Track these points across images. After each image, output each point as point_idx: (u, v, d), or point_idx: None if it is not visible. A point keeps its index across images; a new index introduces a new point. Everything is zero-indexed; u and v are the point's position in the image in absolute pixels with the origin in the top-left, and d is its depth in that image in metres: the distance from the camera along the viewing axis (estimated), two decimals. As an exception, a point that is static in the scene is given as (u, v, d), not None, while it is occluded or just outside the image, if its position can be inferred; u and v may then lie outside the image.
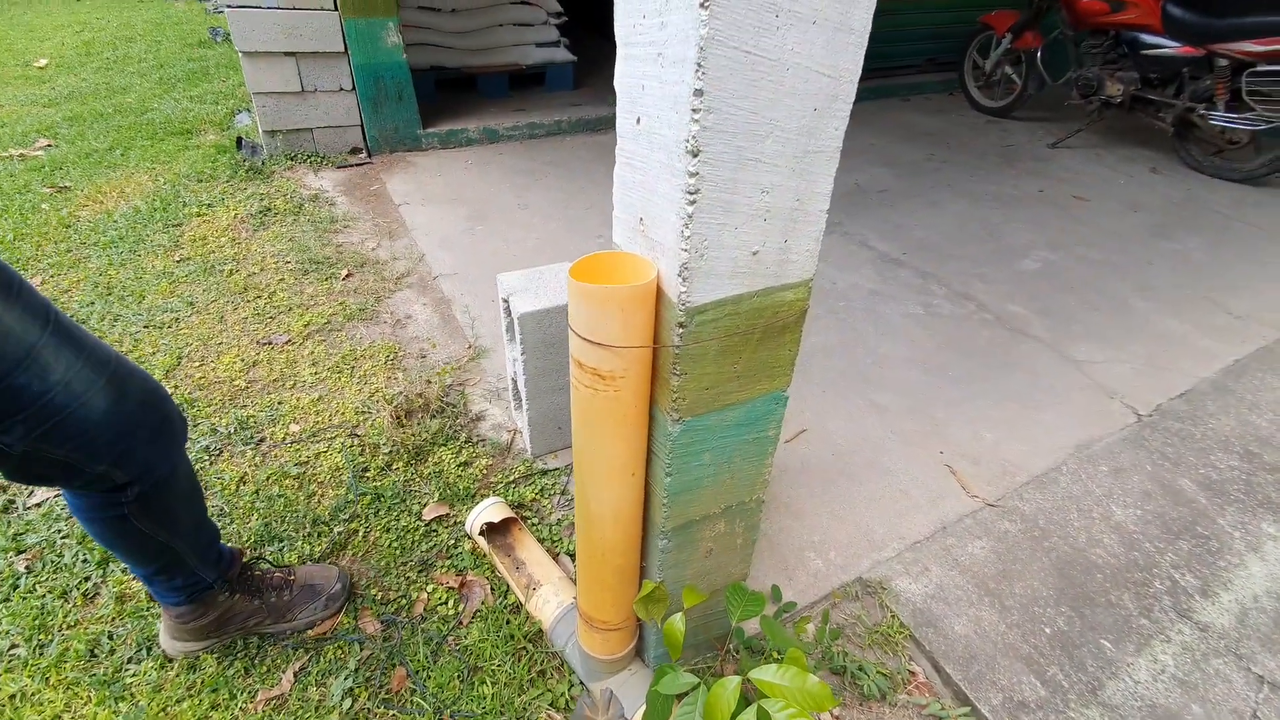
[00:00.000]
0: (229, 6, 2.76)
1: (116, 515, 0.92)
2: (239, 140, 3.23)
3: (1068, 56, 4.06)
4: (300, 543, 1.37)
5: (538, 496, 1.51)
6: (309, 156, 3.25)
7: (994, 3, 4.71)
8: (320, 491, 1.50)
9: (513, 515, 1.38)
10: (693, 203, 0.61)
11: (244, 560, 1.19)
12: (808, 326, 2.20)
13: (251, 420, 1.68)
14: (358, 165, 3.26)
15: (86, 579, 1.29)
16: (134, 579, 1.28)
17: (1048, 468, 1.71)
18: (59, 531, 1.38)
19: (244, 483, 1.51)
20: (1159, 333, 2.27)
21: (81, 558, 1.33)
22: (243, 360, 1.88)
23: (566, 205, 2.97)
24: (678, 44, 0.55)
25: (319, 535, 1.39)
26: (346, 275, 2.33)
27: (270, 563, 1.27)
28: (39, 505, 1.43)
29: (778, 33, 0.55)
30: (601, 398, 0.74)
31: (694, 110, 0.56)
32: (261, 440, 1.63)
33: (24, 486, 1.46)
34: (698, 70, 0.54)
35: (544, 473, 1.58)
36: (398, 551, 1.37)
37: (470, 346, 2.00)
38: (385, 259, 2.47)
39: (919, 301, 2.38)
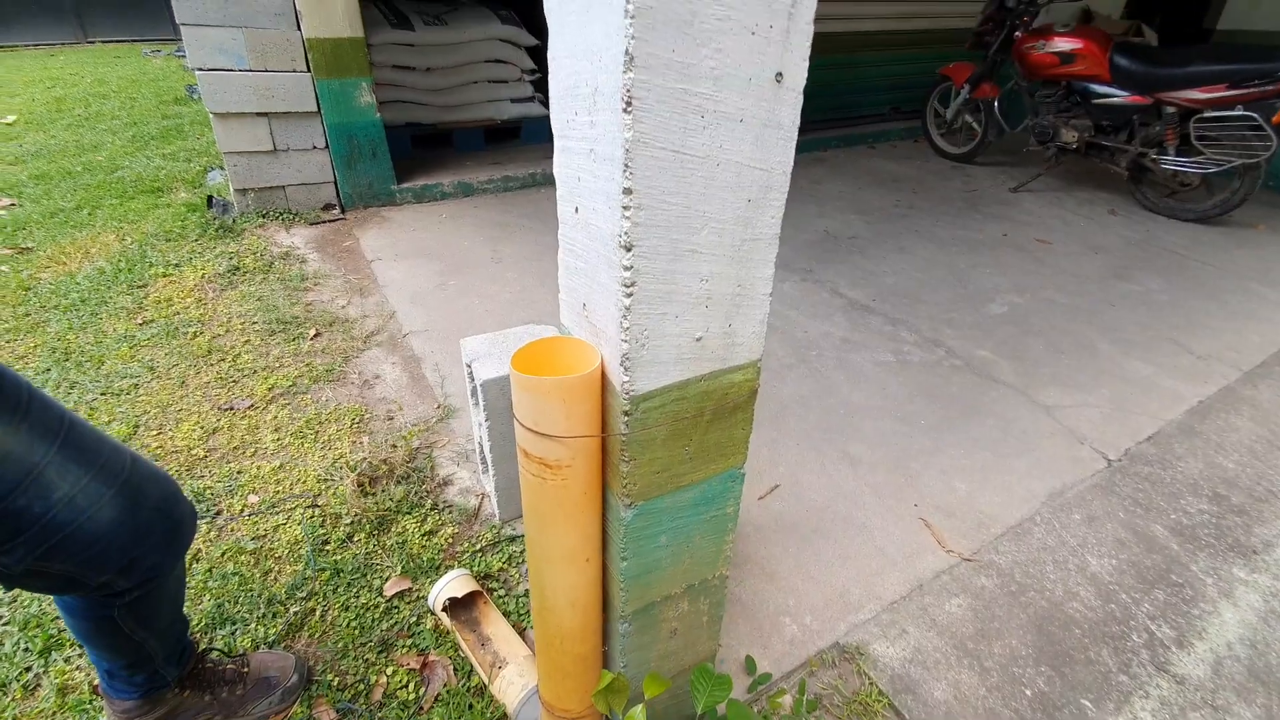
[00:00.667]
0: (199, 69, 2.79)
1: (104, 616, 0.88)
2: (210, 198, 3.23)
3: (1024, 105, 4.22)
4: (254, 625, 1.31)
5: (505, 566, 1.47)
6: (281, 214, 3.25)
7: (952, 55, 4.91)
8: (277, 568, 1.44)
9: (478, 588, 1.33)
10: (630, 294, 0.60)
11: (200, 651, 1.13)
12: (781, 377, 2.21)
13: (208, 492, 1.63)
14: (331, 221, 3.27)
15: (27, 669, 1.22)
16: (79, 669, 1.21)
17: (1022, 518, 1.70)
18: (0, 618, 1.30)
19: (197, 560, 1.45)
20: (1125, 375, 2.31)
21: (23, 646, 1.26)
22: (202, 427, 1.84)
23: (540, 258, 2.98)
24: (606, 143, 0.56)
25: (274, 616, 1.33)
26: (314, 335, 2.30)
27: (223, 652, 1.21)
28: None
29: (704, 132, 0.55)
30: (550, 486, 0.72)
31: (625, 207, 0.55)
32: (218, 513, 1.58)
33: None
34: (626, 170, 0.54)
35: (512, 539, 1.53)
36: (357, 631, 1.31)
37: (439, 406, 1.98)
38: (355, 317, 2.45)
39: (890, 349, 2.40)
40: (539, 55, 4.18)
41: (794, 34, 0.54)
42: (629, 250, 0.57)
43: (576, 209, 0.66)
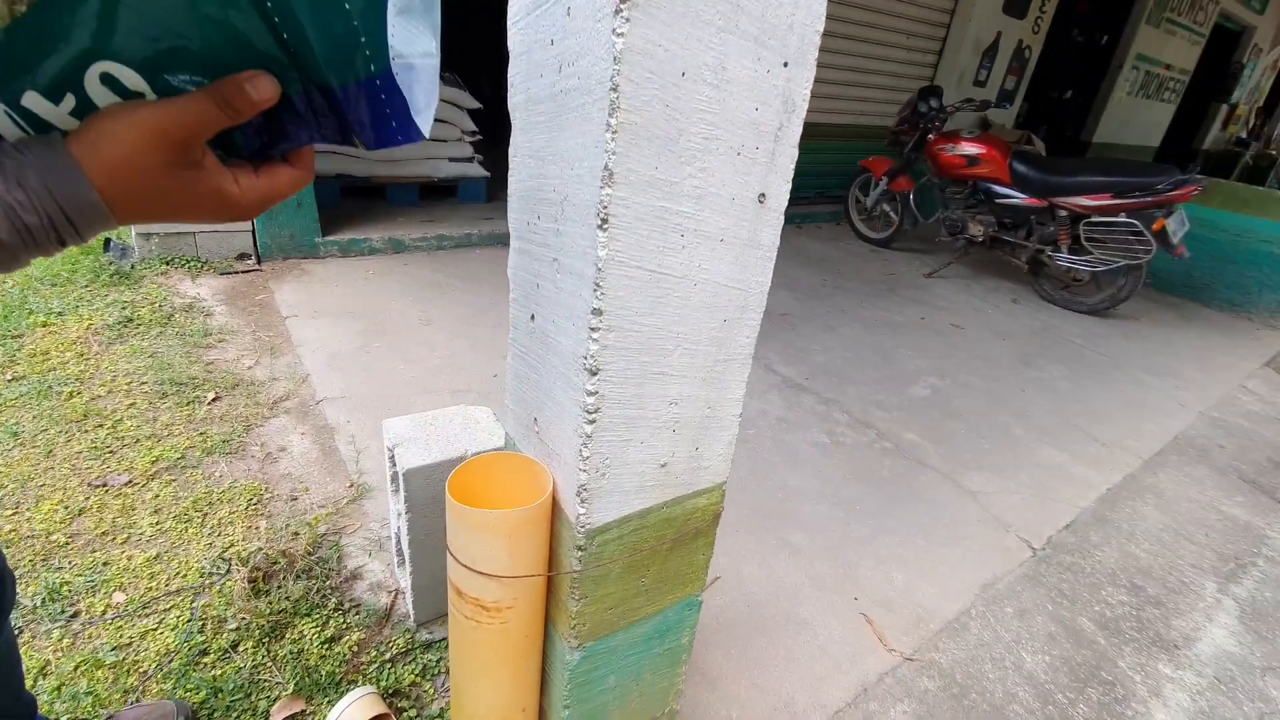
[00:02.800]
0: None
1: None
2: (107, 241, 2.95)
3: (935, 199, 4.56)
4: (102, 764, 1.09)
5: (418, 679, 1.30)
6: (189, 261, 3.01)
7: (874, 148, 5.29)
8: (140, 686, 1.22)
9: (385, 711, 1.16)
10: (592, 421, 0.53)
11: None
12: (717, 458, 2.16)
13: (66, 588, 1.38)
14: (245, 272, 3.05)
15: None
16: None
17: (958, 611, 1.69)
18: None
19: (45, 674, 1.21)
20: (1040, 462, 2.41)
21: None
22: (67, 507, 1.58)
23: (472, 322, 2.87)
24: (574, 257, 0.50)
25: (130, 752, 1.11)
26: (213, 399, 2.08)
27: None
28: None
29: (684, 251, 0.51)
30: (486, 630, 0.62)
31: (593, 329, 0.49)
32: (75, 614, 1.34)
33: None
34: (597, 289, 0.48)
35: (428, 645, 1.37)
36: (234, 768, 1.11)
37: (352, 485, 1.80)
38: (263, 379, 2.25)
39: (823, 429, 2.42)
40: (480, 117, 4.17)
41: (779, 156, 0.51)
42: (594, 374, 0.51)
43: (533, 316, 0.59)
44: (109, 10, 0.34)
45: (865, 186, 5.07)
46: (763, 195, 0.53)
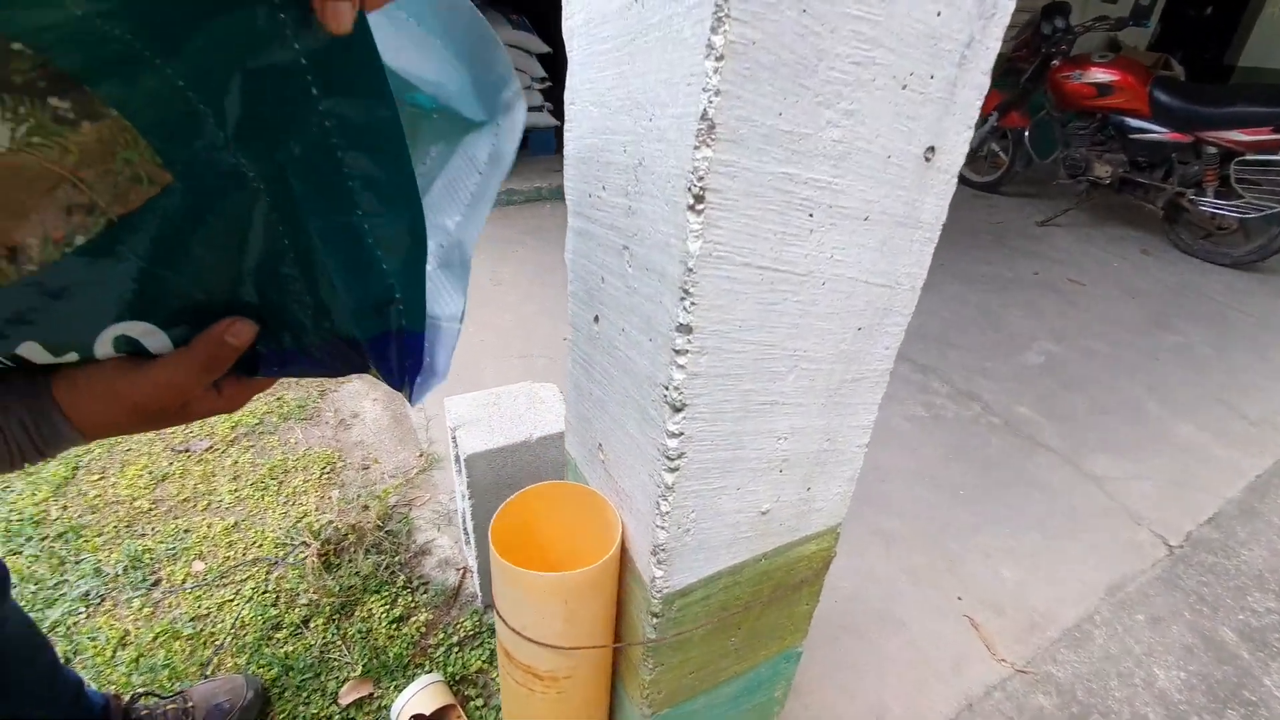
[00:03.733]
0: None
1: None
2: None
3: (1054, 136, 4.04)
4: (180, 737, 1.09)
5: (485, 666, 1.25)
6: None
7: (978, 80, 4.73)
8: (217, 660, 1.22)
9: (451, 701, 1.12)
10: (674, 469, 0.39)
11: (125, 702, 0.99)
12: (801, 432, 1.99)
13: (148, 555, 1.41)
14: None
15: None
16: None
17: (1079, 618, 1.49)
18: None
19: (124, 645, 1.24)
20: (1177, 442, 2.10)
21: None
22: (151, 473, 1.62)
23: (543, 282, 2.78)
24: (654, 248, 0.35)
25: (205, 727, 1.11)
26: (290, 363, 2.08)
27: (158, 695, 1.06)
28: None
29: (811, 238, 0.35)
30: (540, 699, 0.50)
31: (678, 351, 0.35)
32: (156, 583, 1.36)
33: None
34: (685, 298, 0.33)
35: (495, 630, 1.32)
36: (302, 752, 1.09)
37: (422, 455, 1.76)
38: (337, 343, 2.24)
39: (920, 401, 2.20)
40: (550, 62, 3.98)
41: (962, 88, 0.33)
42: (679, 411, 0.37)
43: (596, 319, 0.45)
44: (148, 280, 0.33)
45: (969, 124, 4.56)
46: (931, 150, 0.36)
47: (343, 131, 0.31)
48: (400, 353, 0.41)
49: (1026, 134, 4.13)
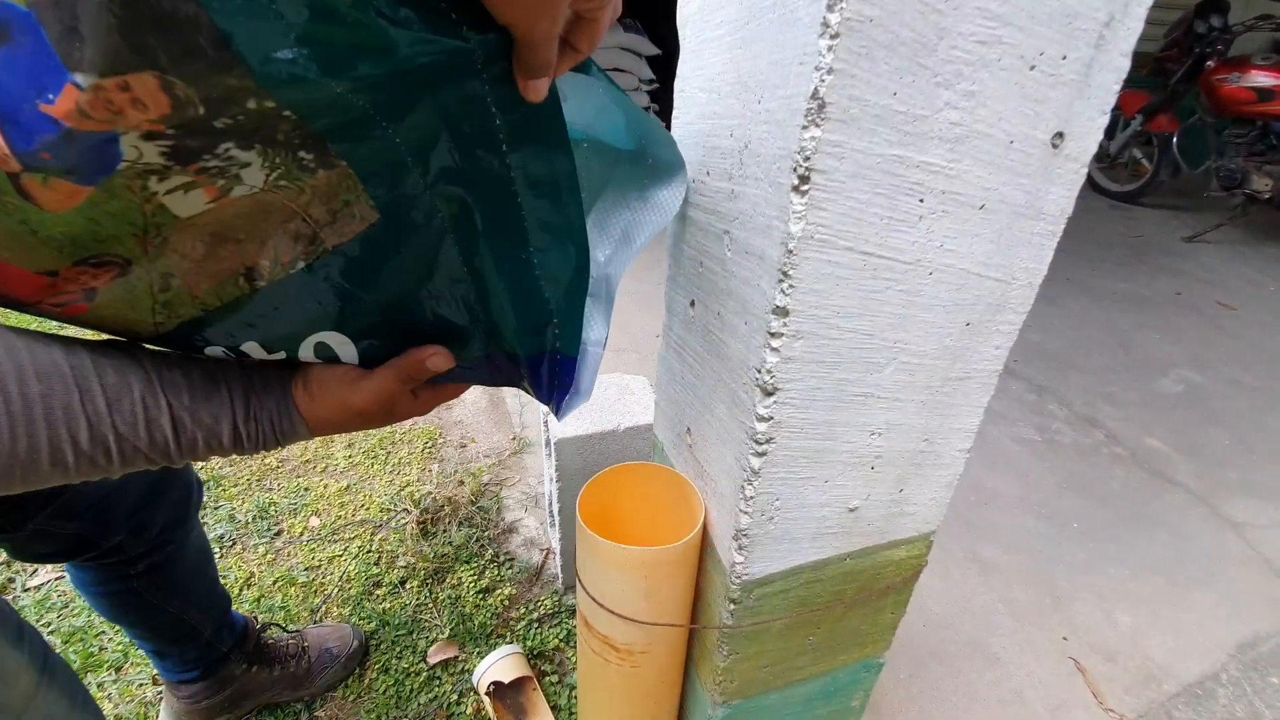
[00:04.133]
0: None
1: (124, 589, 0.85)
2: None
3: (1207, 143, 3.63)
4: (290, 674, 1.20)
5: (561, 644, 1.29)
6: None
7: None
8: (325, 608, 1.33)
9: (528, 674, 1.16)
10: (761, 454, 0.39)
11: (257, 628, 1.11)
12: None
13: (273, 508, 1.56)
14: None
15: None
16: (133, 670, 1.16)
17: (1203, 674, 1.33)
18: (50, 625, 1.27)
19: (249, 585, 1.38)
20: (1341, 491, 1.83)
21: (70, 660, 1.21)
22: (279, 434, 1.79)
23: (640, 277, 2.81)
24: (755, 231, 0.35)
25: (311, 667, 1.21)
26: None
27: (280, 627, 1.18)
28: (38, 588, 1.34)
29: (920, 224, 0.34)
30: (615, 670, 0.52)
31: (773, 334, 0.35)
32: (279, 533, 1.50)
33: (27, 565, 1.37)
34: (783, 280, 0.33)
35: (574, 611, 1.35)
36: (392, 701, 1.17)
37: (514, 438, 1.84)
38: (444, 327, 2.37)
39: (1034, 424, 2.04)
40: (658, 65, 4.03)
41: (1099, 70, 0.31)
42: (770, 395, 0.37)
43: (692, 303, 0.46)
44: (348, 299, 0.40)
45: (1109, 127, 4.18)
46: (1059, 135, 0.34)
47: (525, 178, 0.35)
48: (552, 372, 0.45)
49: (1175, 140, 3.73)
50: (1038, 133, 0.33)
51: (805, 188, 0.31)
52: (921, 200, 0.33)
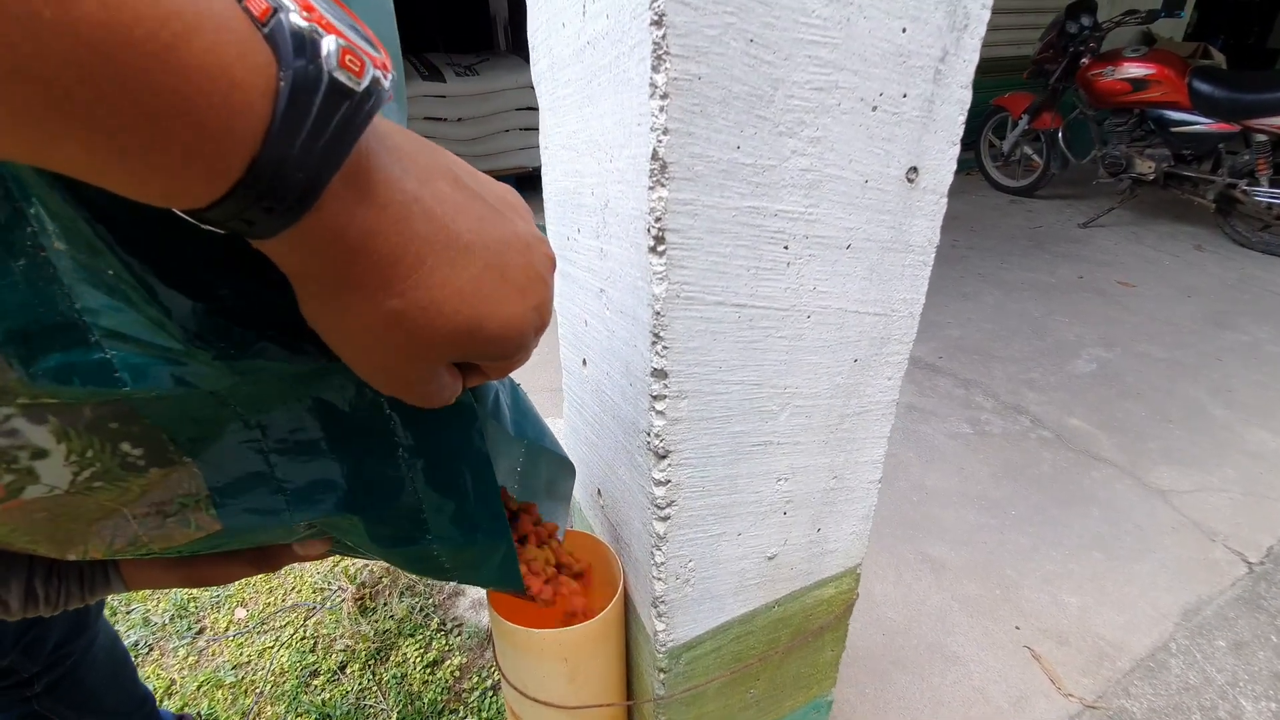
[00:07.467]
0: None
1: (27, 713, 0.77)
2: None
3: (1090, 135, 3.91)
4: (221, 790, 1.10)
5: (520, 711, 1.23)
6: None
7: (1006, 85, 4.63)
8: (257, 708, 1.23)
9: (484, 750, 1.09)
10: (665, 518, 0.37)
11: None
12: (839, 455, 1.93)
13: (193, 604, 1.44)
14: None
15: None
16: None
17: (1153, 646, 1.38)
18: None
19: (170, 694, 1.26)
20: (1250, 449, 1.96)
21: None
22: (197, 522, 1.66)
23: (570, 314, 2.79)
24: (624, 290, 0.34)
25: (245, 779, 1.11)
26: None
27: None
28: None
29: (789, 271, 0.33)
30: (548, 759, 0.48)
31: (656, 396, 0.33)
32: (201, 630, 1.39)
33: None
34: (656, 341, 0.32)
35: (529, 672, 1.29)
36: (340, 803, 1.08)
37: (455, 494, 1.77)
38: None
39: (964, 417, 2.11)
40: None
41: (941, 104, 0.31)
42: (663, 458, 0.35)
43: (585, 362, 0.44)
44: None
45: (1000, 129, 4.46)
46: (914, 170, 0.34)
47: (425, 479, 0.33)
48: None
49: (1060, 135, 4.01)
50: (891, 170, 0.33)
51: (662, 248, 0.29)
52: (786, 247, 0.33)
